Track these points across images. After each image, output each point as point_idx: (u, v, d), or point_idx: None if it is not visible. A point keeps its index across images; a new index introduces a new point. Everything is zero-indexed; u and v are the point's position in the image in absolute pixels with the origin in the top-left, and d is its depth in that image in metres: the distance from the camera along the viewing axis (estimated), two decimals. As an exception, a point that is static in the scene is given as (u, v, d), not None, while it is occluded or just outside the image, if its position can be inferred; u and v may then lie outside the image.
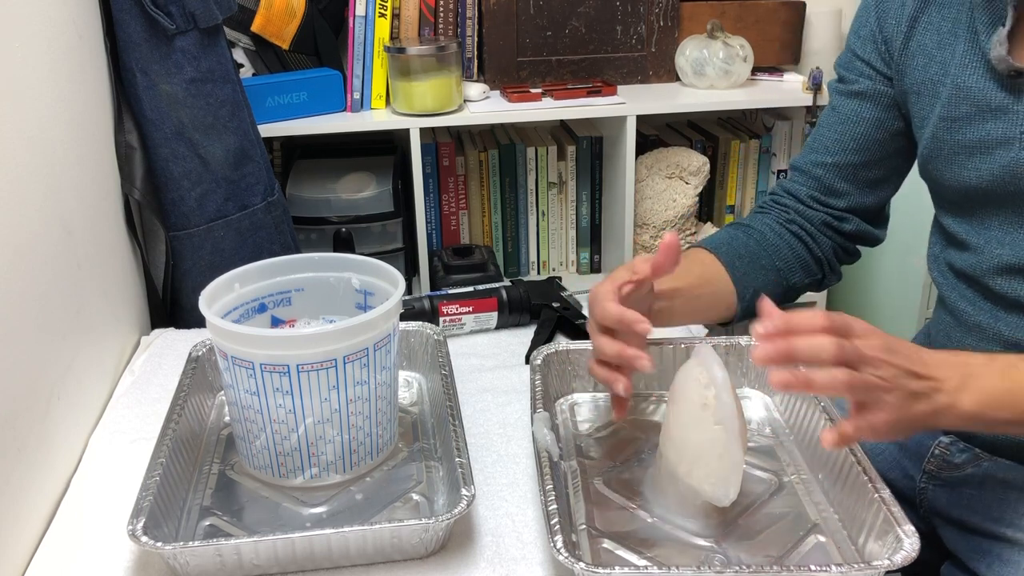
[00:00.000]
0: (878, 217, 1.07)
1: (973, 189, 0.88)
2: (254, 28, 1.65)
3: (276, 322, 0.94)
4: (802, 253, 1.03)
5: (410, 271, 1.83)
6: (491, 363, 1.08)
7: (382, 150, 1.88)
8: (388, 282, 0.90)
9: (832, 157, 1.02)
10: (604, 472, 0.86)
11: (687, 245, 1.07)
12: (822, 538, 0.77)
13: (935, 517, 0.98)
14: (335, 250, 1.71)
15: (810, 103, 1.71)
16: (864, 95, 0.99)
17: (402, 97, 1.64)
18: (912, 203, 1.80)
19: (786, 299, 1.04)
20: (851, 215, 1.04)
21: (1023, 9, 0.82)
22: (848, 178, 1.02)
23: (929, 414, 0.73)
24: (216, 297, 0.87)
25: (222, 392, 0.99)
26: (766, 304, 0.74)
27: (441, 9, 1.72)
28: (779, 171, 1.94)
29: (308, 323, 0.94)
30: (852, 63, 1.00)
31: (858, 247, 1.09)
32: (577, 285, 1.89)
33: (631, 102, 1.69)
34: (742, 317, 1.01)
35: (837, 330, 0.71)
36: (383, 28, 1.66)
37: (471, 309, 1.13)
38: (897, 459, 1.01)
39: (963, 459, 0.94)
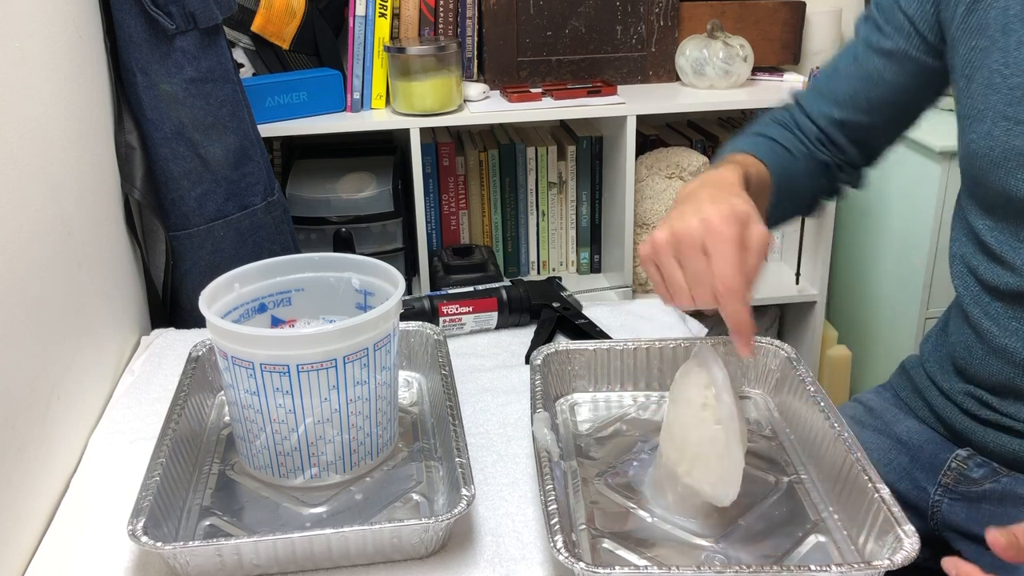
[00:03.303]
0: (864, 171, 1.03)
1: (1020, 200, 0.81)
2: (254, 28, 1.65)
3: (276, 322, 0.94)
4: (811, 187, 1.00)
5: (410, 271, 1.83)
6: (491, 363, 1.08)
7: (382, 150, 1.88)
8: (388, 282, 0.90)
9: (841, 112, 0.96)
10: (604, 472, 0.86)
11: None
12: (822, 538, 0.77)
13: (950, 531, 0.95)
14: (335, 250, 1.72)
15: (810, 103, 1.71)
16: (893, 56, 0.91)
17: (402, 97, 1.64)
18: (912, 203, 1.80)
19: (782, 223, 1.00)
20: (848, 167, 1.01)
21: None
22: (851, 137, 0.98)
23: None
24: (216, 297, 0.87)
25: (222, 392, 0.99)
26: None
27: (441, 9, 1.72)
28: (779, 171, 1.94)
29: (308, 323, 0.94)
30: (893, 14, 0.91)
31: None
32: (577, 285, 1.90)
33: (631, 102, 1.69)
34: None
35: None
36: (383, 28, 1.66)
37: (471, 309, 1.13)
38: (908, 470, 0.98)
39: (981, 474, 0.91)
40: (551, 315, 1.13)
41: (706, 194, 0.78)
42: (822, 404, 0.86)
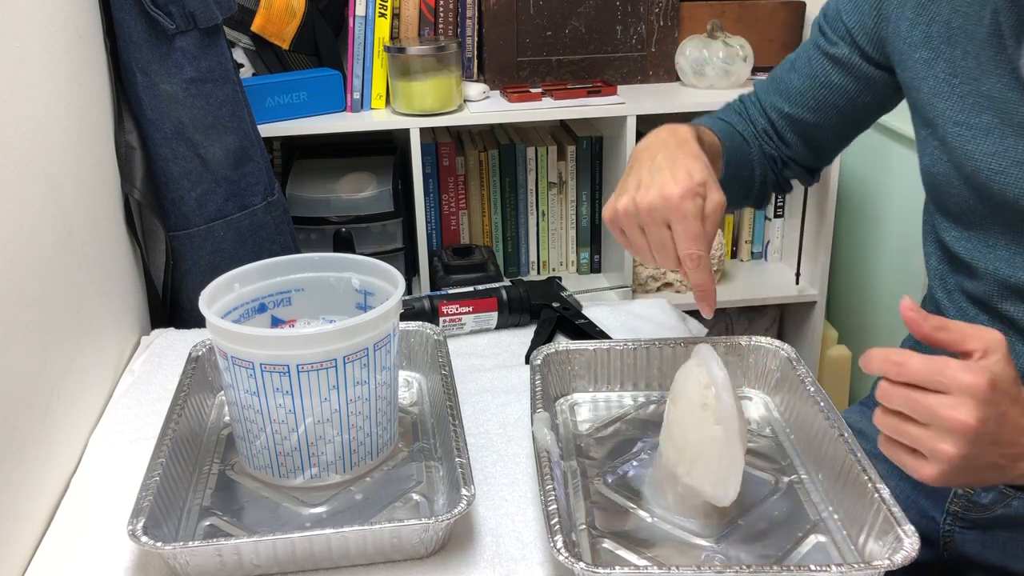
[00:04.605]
0: (813, 170, 1.06)
1: (982, 203, 0.83)
2: (254, 28, 1.65)
3: (276, 322, 0.94)
4: (760, 178, 1.03)
5: (410, 271, 1.83)
6: (491, 363, 1.08)
7: (382, 150, 1.88)
8: (388, 282, 0.90)
9: (790, 107, 1.00)
10: (604, 472, 0.86)
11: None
12: (822, 538, 0.77)
13: (965, 562, 0.92)
14: (335, 250, 1.72)
15: (810, 103, 1.71)
16: (838, 61, 0.95)
17: (402, 97, 1.64)
18: (912, 203, 1.80)
19: (732, 208, 1.01)
20: (793, 163, 1.03)
21: None
22: (799, 133, 1.01)
23: (1002, 479, 0.68)
24: (216, 297, 0.87)
25: (222, 392, 0.99)
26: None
27: (441, 9, 1.72)
28: (779, 171, 1.94)
29: (308, 323, 0.94)
30: (835, 22, 0.95)
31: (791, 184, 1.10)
32: (577, 285, 1.90)
33: (631, 102, 1.69)
34: None
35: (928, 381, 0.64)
36: (383, 28, 1.66)
37: (471, 309, 1.13)
38: (912, 498, 0.95)
39: (990, 499, 0.88)
40: (551, 315, 1.13)
41: (664, 158, 0.81)
42: (822, 404, 0.86)
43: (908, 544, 0.69)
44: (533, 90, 1.72)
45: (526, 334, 1.13)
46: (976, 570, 0.92)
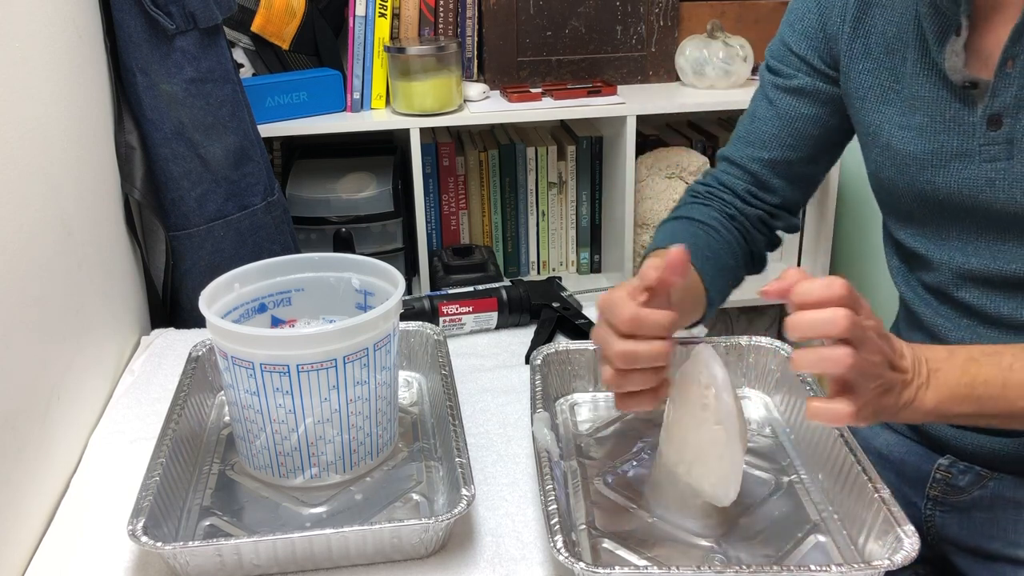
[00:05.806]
0: (799, 211, 1.07)
1: (929, 200, 0.86)
2: (254, 28, 1.65)
3: (276, 322, 0.94)
4: (746, 248, 1.03)
5: (410, 271, 1.83)
6: (491, 363, 1.08)
7: (382, 150, 1.88)
8: (388, 282, 0.90)
9: (769, 152, 1.00)
10: (604, 472, 0.86)
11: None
12: (822, 538, 0.77)
13: (946, 545, 0.95)
14: (335, 250, 1.72)
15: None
16: (802, 91, 0.97)
17: (402, 97, 1.64)
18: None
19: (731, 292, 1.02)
20: (782, 211, 1.04)
21: (974, 18, 0.81)
22: (783, 174, 1.02)
23: (891, 407, 0.72)
24: (216, 297, 0.87)
25: (222, 392, 0.99)
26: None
27: (441, 9, 1.72)
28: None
29: (308, 323, 0.94)
30: (787, 57, 0.98)
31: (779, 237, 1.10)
32: (577, 285, 1.90)
33: (631, 102, 1.69)
34: (704, 320, 0.98)
35: (851, 303, 0.68)
36: (383, 28, 1.66)
37: (471, 309, 1.13)
38: (896, 486, 0.95)
39: (967, 481, 0.92)
40: (551, 315, 1.13)
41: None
42: (822, 404, 0.86)
43: (908, 544, 0.69)
44: (533, 90, 1.72)
45: (526, 334, 1.13)
46: (955, 553, 0.94)
